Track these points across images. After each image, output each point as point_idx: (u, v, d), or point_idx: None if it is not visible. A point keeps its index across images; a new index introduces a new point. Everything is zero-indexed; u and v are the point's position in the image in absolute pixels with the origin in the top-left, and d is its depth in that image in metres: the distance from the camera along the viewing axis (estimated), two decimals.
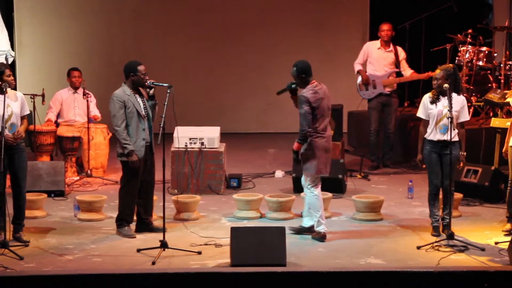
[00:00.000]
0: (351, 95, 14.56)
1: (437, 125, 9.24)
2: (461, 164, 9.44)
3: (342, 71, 15.46)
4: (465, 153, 9.37)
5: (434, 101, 9.29)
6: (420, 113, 9.43)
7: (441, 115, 9.20)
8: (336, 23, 15.69)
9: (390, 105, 12.74)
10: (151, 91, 9.40)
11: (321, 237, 9.27)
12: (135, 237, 9.35)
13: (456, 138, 9.16)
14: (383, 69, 12.70)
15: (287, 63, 15.57)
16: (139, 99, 9.41)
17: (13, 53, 13.11)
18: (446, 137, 9.12)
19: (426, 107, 9.34)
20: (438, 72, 9.25)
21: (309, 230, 9.35)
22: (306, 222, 9.40)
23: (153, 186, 9.66)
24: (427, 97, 9.38)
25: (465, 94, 11.43)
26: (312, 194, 9.30)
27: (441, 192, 9.40)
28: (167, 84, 9.09)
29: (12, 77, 9.11)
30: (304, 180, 9.37)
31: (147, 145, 9.41)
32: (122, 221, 9.45)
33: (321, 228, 9.26)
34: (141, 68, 9.41)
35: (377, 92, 12.70)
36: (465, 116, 9.33)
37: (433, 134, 9.28)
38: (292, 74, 9.37)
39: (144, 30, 15.59)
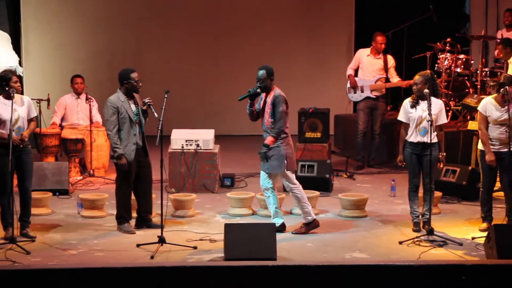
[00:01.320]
0: (338, 99, 14.64)
1: (417, 128, 9.26)
2: (441, 165, 9.46)
3: (330, 76, 15.53)
4: (444, 153, 9.39)
5: (414, 105, 9.32)
6: (401, 117, 9.45)
7: (421, 118, 9.22)
8: (324, 30, 15.72)
9: (377, 108, 12.78)
10: (145, 107, 9.38)
11: (316, 225, 9.34)
12: (134, 233, 9.35)
13: (435, 140, 9.18)
14: (371, 75, 12.73)
15: (280, 69, 15.64)
16: (132, 105, 9.39)
17: (21, 69, 13.16)
18: (426, 139, 9.15)
19: (407, 111, 9.36)
20: (417, 78, 9.28)
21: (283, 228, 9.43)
22: (278, 221, 9.41)
23: (151, 185, 9.65)
24: (407, 102, 9.40)
25: (443, 99, 11.46)
26: (300, 187, 9.35)
27: (421, 190, 9.42)
28: (156, 115, 9.05)
29: (18, 83, 9.10)
30: (286, 180, 9.37)
31: (139, 149, 9.39)
32: (121, 219, 9.46)
33: (313, 216, 9.39)
34: (134, 75, 9.40)
35: (364, 95, 12.74)
36: (443, 119, 9.35)
37: (413, 136, 9.30)
38: (260, 77, 9.29)
39: (143, 38, 15.59)
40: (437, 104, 9.26)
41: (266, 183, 9.40)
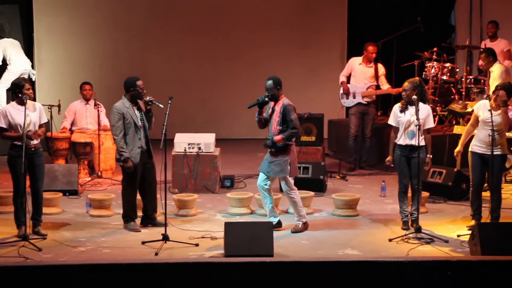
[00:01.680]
0: (332, 105, 14.61)
1: (406, 131, 9.26)
2: (428, 166, 9.45)
3: (324, 85, 15.52)
4: (431, 156, 9.38)
5: (403, 110, 9.32)
6: (391, 121, 9.45)
7: (409, 122, 9.21)
8: (319, 42, 15.71)
9: (367, 114, 12.77)
10: (149, 106, 9.38)
11: (307, 227, 9.36)
12: (140, 231, 9.33)
13: (422, 143, 9.17)
14: (363, 82, 12.73)
15: (277, 76, 15.63)
16: (136, 111, 9.40)
17: (34, 72, 13.30)
18: (414, 142, 9.14)
19: (396, 116, 9.36)
20: (406, 85, 9.28)
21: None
22: (274, 219, 9.40)
23: (155, 186, 9.65)
24: (397, 107, 9.40)
25: (430, 104, 11.46)
26: (297, 192, 9.39)
27: (410, 191, 9.42)
28: (162, 106, 9.11)
29: (31, 90, 9.10)
30: (284, 184, 9.36)
31: (144, 152, 9.39)
32: (127, 218, 9.46)
33: (306, 218, 9.43)
34: (139, 83, 9.41)
35: (356, 101, 12.74)
36: (430, 123, 9.33)
37: (402, 139, 9.30)
38: (268, 87, 9.28)
39: (148, 47, 15.58)
40: (425, 109, 9.25)
41: (263, 184, 9.40)
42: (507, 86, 9.19)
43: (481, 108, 9.26)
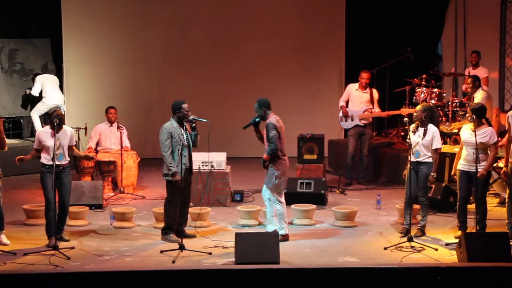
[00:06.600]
0: (331, 126, 14.61)
1: (412, 150, 9.29)
2: (430, 183, 9.49)
3: (324, 108, 15.49)
4: (434, 174, 9.37)
5: (414, 131, 9.39)
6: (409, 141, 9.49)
7: (415, 142, 9.28)
8: (319, 69, 15.70)
9: (364, 134, 12.74)
10: (194, 124, 9.34)
11: (286, 239, 9.28)
12: (179, 241, 8.89)
13: (428, 160, 9.19)
14: (359, 106, 12.71)
15: (281, 101, 15.62)
16: (182, 131, 9.35)
17: (65, 108, 13.38)
18: (419, 159, 9.27)
19: (410, 136, 9.41)
20: (418, 108, 9.46)
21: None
22: (270, 228, 9.31)
23: (189, 201, 9.56)
24: (411, 128, 9.49)
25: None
26: (283, 205, 9.31)
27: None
28: (205, 120, 9.09)
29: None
30: (270, 194, 9.29)
31: (186, 168, 9.31)
32: (167, 230, 9.32)
33: (287, 231, 9.34)
34: (185, 106, 9.38)
35: (354, 123, 12.72)
36: (436, 144, 9.33)
37: (412, 156, 9.33)
38: (255, 109, 9.32)
39: (165, 78, 15.60)
40: (432, 130, 9.28)
41: (266, 194, 9.36)
42: (473, 107, 9.23)
43: (463, 131, 9.33)
